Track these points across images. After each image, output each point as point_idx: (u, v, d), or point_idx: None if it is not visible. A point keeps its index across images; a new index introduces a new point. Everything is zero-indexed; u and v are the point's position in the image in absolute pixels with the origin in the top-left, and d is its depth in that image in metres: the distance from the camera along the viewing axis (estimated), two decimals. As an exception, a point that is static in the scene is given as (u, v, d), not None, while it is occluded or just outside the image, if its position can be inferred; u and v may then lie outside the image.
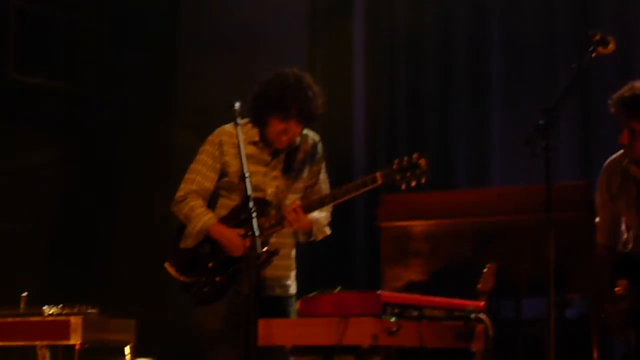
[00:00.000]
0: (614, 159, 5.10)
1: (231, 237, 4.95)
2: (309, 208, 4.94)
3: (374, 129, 8.19)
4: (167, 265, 5.09)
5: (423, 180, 4.88)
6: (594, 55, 4.45)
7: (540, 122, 4.32)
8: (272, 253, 4.89)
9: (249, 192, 4.58)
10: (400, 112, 8.07)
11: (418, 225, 6.42)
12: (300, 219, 4.89)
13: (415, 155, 4.87)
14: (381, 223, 6.57)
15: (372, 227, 6.80)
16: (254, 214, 4.52)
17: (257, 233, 4.45)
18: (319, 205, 4.95)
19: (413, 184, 4.88)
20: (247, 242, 4.72)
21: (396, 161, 4.90)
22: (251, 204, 4.55)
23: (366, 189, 4.91)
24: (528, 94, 7.16)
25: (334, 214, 5.26)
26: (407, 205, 6.46)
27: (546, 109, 4.39)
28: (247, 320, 4.42)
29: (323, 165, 5.22)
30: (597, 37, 4.45)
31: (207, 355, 5.05)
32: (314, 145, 5.19)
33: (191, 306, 5.06)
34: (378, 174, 4.90)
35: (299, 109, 4.97)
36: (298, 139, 5.08)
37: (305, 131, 5.12)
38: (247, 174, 4.59)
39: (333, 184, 5.37)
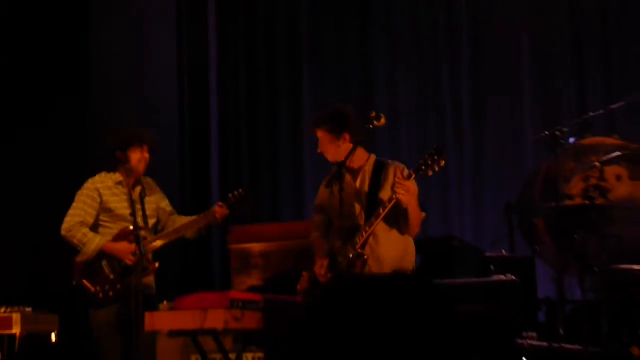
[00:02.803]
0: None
1: (122, 249, 5.52)
2: (168, 237, 5.67)
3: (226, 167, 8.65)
4: (83, 281, 5.54)
5: (248, 209, 5.55)
6: (371, 127, 4.87)
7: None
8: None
9: (139, 221, 5.32)
10: (244, 158, 8.64)
11: (256, 247, 6.97)
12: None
13: (241, 190, 5.56)
14: (230, 246, 7.19)
15: (225, 249, 7.42)
16: (141, 238, 5.23)
17: (143, 251, 5.21)
18: (175, 235, 5.68)
19: (242, 210, 5.58)
20: (134, 249, 5.36)
21: (230, 196, 5.54)
22: (140, 231, 5.27)
23: (207, 220, 5.60)
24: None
25: (199, 241, 5.98)
26: (248, 233, 7.09)
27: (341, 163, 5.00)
28: (137, 313, 5.06)
29: (160, 192, 5.83)
30: (373, 114, 4.85)
31: (103, 340, 5.55)
32: (150, 181, 5.81)
33: (93, 307, 5.53)
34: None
35: (149, 136, 5.63)
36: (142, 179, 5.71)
37: (143, 177, 5.75)
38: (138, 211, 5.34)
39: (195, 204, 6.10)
